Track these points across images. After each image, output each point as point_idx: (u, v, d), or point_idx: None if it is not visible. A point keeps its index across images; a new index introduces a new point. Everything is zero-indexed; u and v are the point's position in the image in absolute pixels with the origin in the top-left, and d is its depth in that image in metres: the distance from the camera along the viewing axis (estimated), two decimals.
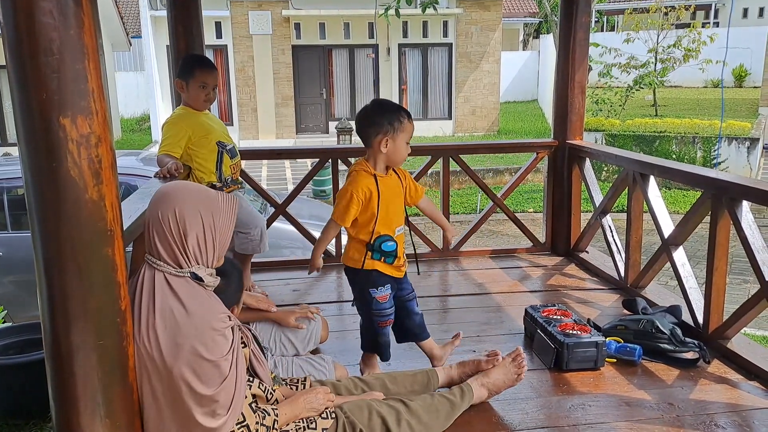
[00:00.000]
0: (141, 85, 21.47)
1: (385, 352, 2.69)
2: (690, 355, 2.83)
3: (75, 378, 1.64)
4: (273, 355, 2.65)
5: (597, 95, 15.86)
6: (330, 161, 4.38)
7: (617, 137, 13.65)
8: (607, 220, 4.07)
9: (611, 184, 4.12)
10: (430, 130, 18.41)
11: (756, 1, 27.94)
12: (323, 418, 2.06)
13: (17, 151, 1.62)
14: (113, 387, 1.68)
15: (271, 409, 1.95)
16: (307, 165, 14.68)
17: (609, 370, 2.76)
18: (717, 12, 29.11)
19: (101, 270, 1.62)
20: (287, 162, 15.26)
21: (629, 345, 2.84)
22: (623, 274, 3.75)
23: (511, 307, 3.45)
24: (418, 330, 2.71)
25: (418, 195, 2.71)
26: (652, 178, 3.52)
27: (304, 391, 2.10)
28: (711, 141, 13.08)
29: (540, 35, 27.68)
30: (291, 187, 11.35)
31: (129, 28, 20.91)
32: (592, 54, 14.06)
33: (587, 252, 4.33)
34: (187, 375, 1.73)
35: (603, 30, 26.11)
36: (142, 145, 16.60)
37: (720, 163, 12.67)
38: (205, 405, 1.76)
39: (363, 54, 18.40)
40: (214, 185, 3.28)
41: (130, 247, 2.12)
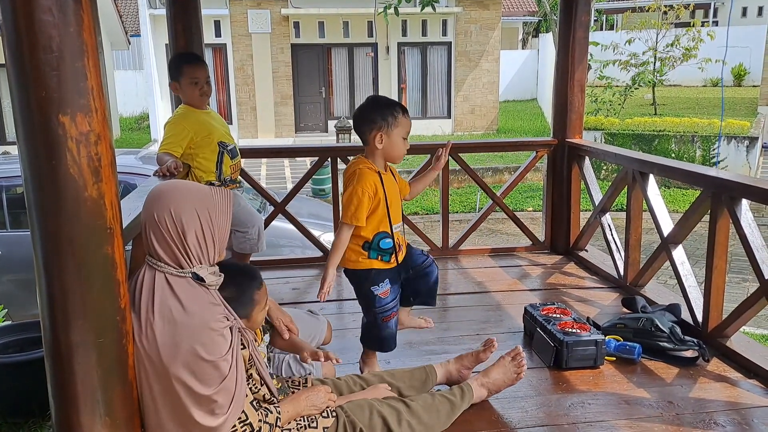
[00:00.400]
0: (140, 84, 21.45)
1: (391, 343, 2.66)
2: (689, 354, 2.84)
3: (74, 376, 1.64)
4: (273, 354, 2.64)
5: (596, 94, 15.86)
6: (329, 160, 4.38)
7: (616, 136, 13.65)
8: (607, 218, 4.07)
9: (610, 182, 4.11)
10: (429, 129, 18.39)
11: (755, 0, 27.92)
12: (324, 416, 2.06)
13: (16, 150, 1.62)
14: (113, 385, 1.69)
15: (274, 407, 1.95)
16: (306, 164, 14.68)
17: (608, 368, 2.76)
18: (716, 11, 29.11)
19: (101, 268, 1.62)
20: (286, 161, 15.25)
21: (629, 343, 2.84)
22: (622, 272, 3.75)
23: (511, 306, 3.45)
24: (432, 290, 2.73)
25: (405, 185, 2.72)
26: (651, 176, 3.52)
27: (305, 390, 2.10)
28: (710, 140, 13.09)
29: (539, 34, 27.66)
30: (290, 186, 11.35)
31: (128, 26, 20.89)
32: (592, 53, 14.13)
33: (587, 250, 4.33)
34: (185, 375, 1.73)
35: (602, 29, 26.08)
36: (141, 144, 16.59)
37: (719, 162, 12.68)
38: (204, 404, 1.75)
39: (362, 53, 18.39)
40: (212, 184, 3.28)
41: (129, 246, 2.12)
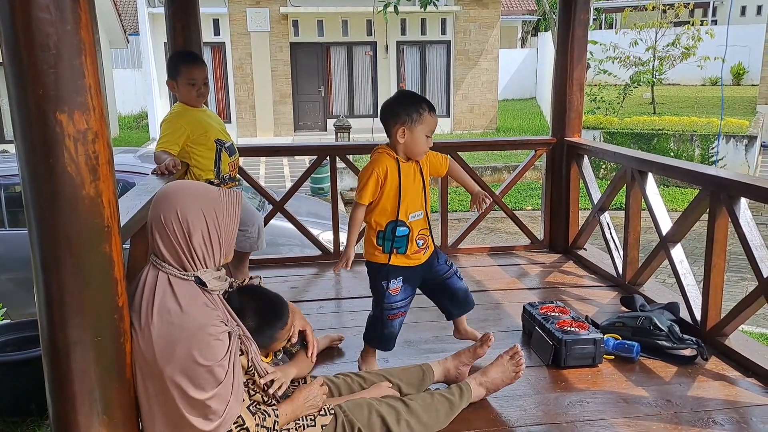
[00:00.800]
0: (139, 83, 21.43)
1: (389, 343, 2.68)
2: (688, 352, 2.84)
3: (72, 375, 1.63)
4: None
5: (595, 93, 15.85)
6: (328, 158, 4.38)
7: (615, 135, 13.64)
8: (606, 217, 4.07)
9: (609, 181, 4.11)
10: None
11: None
12: (322, 415, 2.05)
13: (14, 148, 1.62)
14: (111, 384, 1.68)
15: (272, 410, 1.94)
16: (305, 162, 14.67)
17: (607, 367, 2.76)
18: (715, 10, 29.08)
19: (98, 266, 1.62)
20: (285, 159, 15.25)
21: (627, 342, 2.84)
22: (621, 271, 3.75)
23: (509, 305, 3.45)
24: (462, 303, 2.79)
25: (444, 163, 2.71)
26: (650, 175, 3.52)
27: (301, 389, 2.09)
28: (709, 139, 13.09)
29: (538, 33, 27.66)
30: (289, 185, 11.33)
31: (127, 25, 20.87)
32: (592, 52, 14.12)
33: (585, 249, 4.33)
34: (179, 378, 1.71)
35: (601, 28, 26.07)
36: (139, 143, 16.59)
37: (718, 161, 12.69)
38: (197, 409, 1.73)
39: (361, 51, 18.38)
40: (211, 182, 3.27)
41: (127, 244, 2.12)
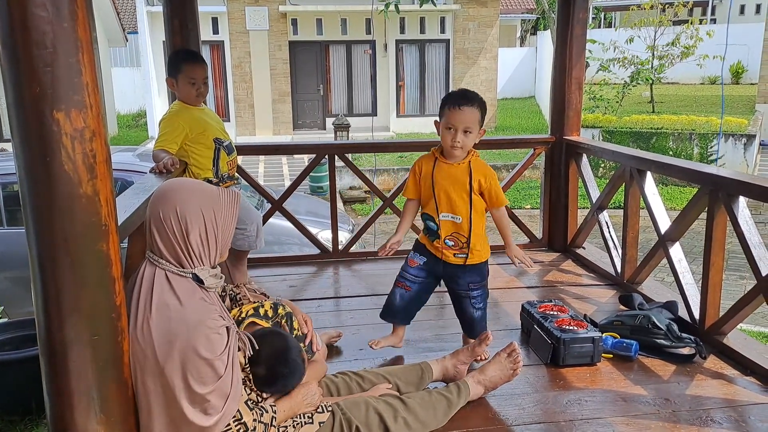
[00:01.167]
0: (137, 81, 21.40)
1: (388, 312, 2.82)
2: (686, 351, 2.84)
3: (69, 373, 1.63)
4: None
5: (594, 92, 15.86)
6: (327, 157, 4.36)
7: (614, 133, 13.65)
8: (604, 216, 4.06)
9: (608, 180, 4.11)
10: (427, 126, 18.36)
11: None
12: (320, 412, 2.06)
13: (12, 147, 1.61)
14: (108, 382, 1.68)
15: (269, 406, 1.94)
16: (304, 161, 14.66)
17: (605, 365, 2.76)
18: (714, 9, 29.08)
19: (95, 265, 1.62)
20: (284, 158, 15.23)
21: (626, 340, 2.84)
22: (620, 269, 3.75)
23: (508, 303, 3.45)
24: (467, 327, 2.84)
25: (492, 202, 2.71)
26: (649, 174, 3.52)
27: (300, 386, 2.09)
28: (708, 137, 13.09)
29: (537, 32, 27.65)
30: (288, 183, 11.32)
31: (125, 23, 20.86)
32: (591, 50, 14.11)
33: (584, 248, 4.33)
34: (180, 372, 1.72)
35: (600, 27, 26.07)
36: (138, 141, 16.57)
37: (717, 159, 12.69)
38: (197, 403, 1.74)
39: (360, 50, 18.36)
40: (210, 181, 3.27)
41: (125, 243, 2.11)
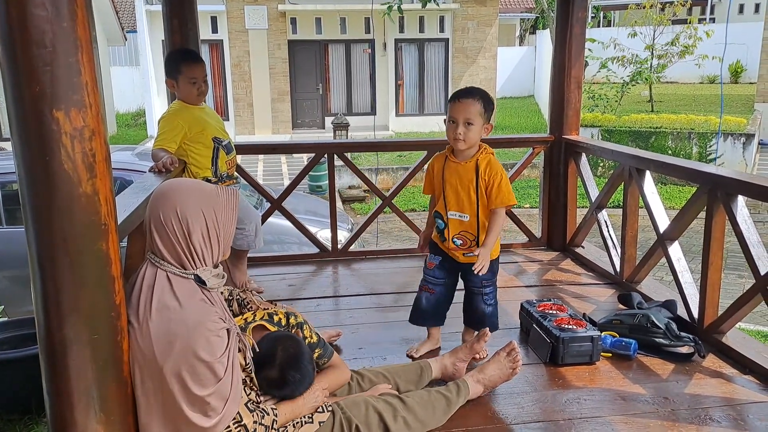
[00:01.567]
0: (136, 80, 21.39)
1: (415, 316, 2.87)
2: (685, 350, 2.84)
3: (69, 372, 1.63)
4: None
5: (593, 91, 15.86)
6: (326, 156, 4.36)
7: (613, 133, 13.66)
8: (603, 215, 4.07)
9: (607, 179, 4.12)
10: (426, 125, 18.39)
11: None
12: (320, 412, 2.06)
13: (11, 146, 1.61)
14: (107, 381, 1.68)
15: (270, 409, 1.94)
16: (303, 160, 14.65)
17: (604, 364, 2.76)
18: (713, 8, 29.09)
19: (95, 264, 1.61)
20: (283, 157, 15.23)
21: (624, 339, 2.84)
22: (619, 268, 3.75)
23: (507, 302, 3.45)
24: (476, 321, 2.86)
25: (491, 201, 2.68)
26: (648, 173, 3.52)
27: None
28: (706, 137, 13.11)
29: (536, 31, 27.65)
30: (287, 182, 11.32)
31: (124, 22, 20.85)
32: (591, 49, 14.10)
33: (583, 247, 4.34)
34: (179, 374, 1.71)
35: (599, 26, 26.07)
36: (137, 141, 16.56)
37: (716, 158, 12.70)
38: (197, 405, 1.74)
39: (359, 49, 18.35)
40: (209, 180, 3.28)
41: (124, 242, 2.11)
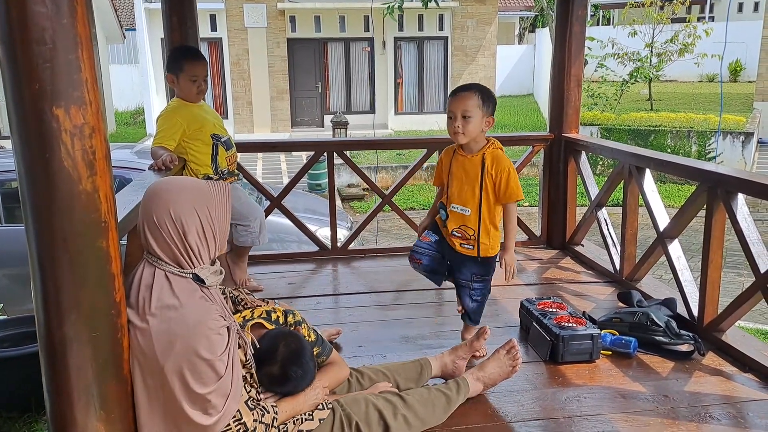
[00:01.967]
0: (135, 78, 21.36)
1: (426, 276, 2.90)
2: (685, 348, 2.84)
3: (69, 370, 1.63)
4: None
5: (592, 89, 15.86)
6: (325, 154, 4.36)
7: (612, 131, 13.67)
8: (603, 213, 4.07)
9: (607, 177, 4.12)
10: (425, 123, 18.39)
11: None
12: (320, 409, 2.06)
13: (11, 144, 1.61)
14: (108, 379, 1.68)
15: (271, 406, 1.93)
16: (303, 158, 14.65)
17: (604, 362, 2.76)
18: (712, 6, 29.07)
19: (95, 262, 1.61)
20: (282, 155, 15.23)
21: (624, 337, 2.85)
22: (618, 267, 3.75)
23: (507, 300, 3.45)
24: (464, 314, 2.88)
25: (498, 196, 2.69)
26: (647, 171, 3.52)
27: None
28: (706, 135, 13.12)
29: (536, 29, 27.62)
30: (286, 181, 11.29)
31: (123, 20, 20.81)
32: (590, 47, 14.10)
33: (583, 245, 4.34)
34: (180, 373, 1.71)
35: (599, 24, 26.05)
36: (136, 138, 16.55)
37: (716, 157, 12.72)
38: (198, 403, 1.74)
39: (359, 47, 18.33)
40: (210, 177, 3.27)
41: (124, 240, 2.11)
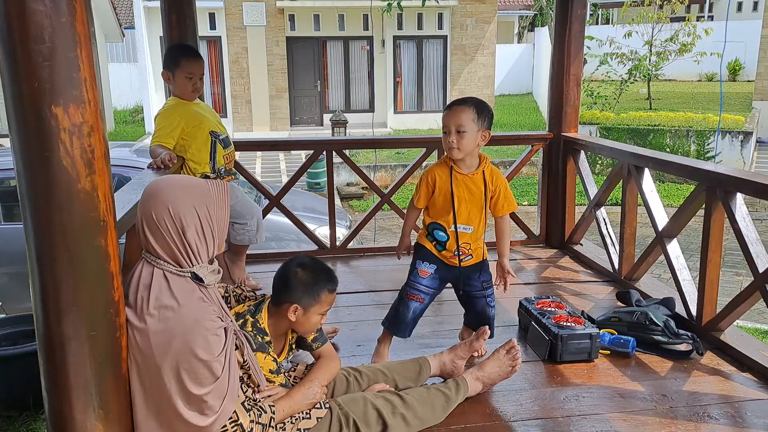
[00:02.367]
0: (134, 77, 21.34)
1: (400, 324, 2.68)
2: (683, 347, 2.85)
3: (67, 369, 1.63)
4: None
5: (592, 89, 15.87)
6: (324, 153, 4.36)
7: (611, 130, 13.68)
8: (602, 212, 4.07)
9: (606, 176, 4.12)
10: (424, 122, 18.39)
11: None
12: (317, 408, 2.06)
13: (9, 142, 1.61)
14: (106, 378, 1.68)
15: (268, 406, 1.93)
16: (302, 157, 14.65)
17: (603, 361, 2.77)
18: (711, 5, 29.08)
19: (93, 260, 1.61)
20: (281, 154, 15.22)
21: (623, 337, 2.85)
22: (617, 266, 3.76)
23: (506, 300, 3.45)
24: (479, 326, 2.66)
25: (497, 210, 2.66)
26: (646, 170, 3.52)
27: (300, 385, 2.09)
28: (705, 134, 13.13)
29: (535, 28, 27.62)
30: (285, 179, 11.31)
31: (122, 19, 20.79)
32: (590, 46, 14.10)
33: (581, 244, 4.34)
34: (177, 372, 1.71)
35: (598, 23, 26.05)
36: (135, 137, 16.53)
37: (715, 156, 12.72)
38: (194, 404, 1.73)
39: (358, 46, 18.33)
40: (207, 176, 3.27)
41: (122, 239, 2.11)
